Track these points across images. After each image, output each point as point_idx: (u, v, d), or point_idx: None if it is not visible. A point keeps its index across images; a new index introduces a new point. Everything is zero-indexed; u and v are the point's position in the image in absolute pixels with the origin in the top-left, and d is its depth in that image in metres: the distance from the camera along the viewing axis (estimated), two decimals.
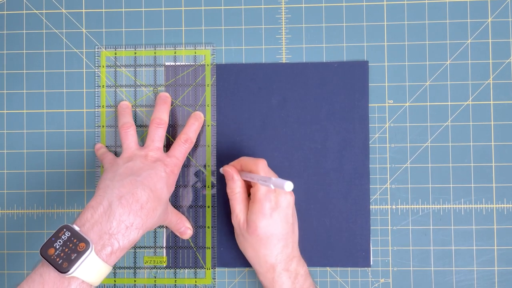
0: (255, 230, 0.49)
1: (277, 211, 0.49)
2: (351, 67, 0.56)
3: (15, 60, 0.58)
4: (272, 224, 0.49)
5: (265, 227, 0.49)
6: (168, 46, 0.58)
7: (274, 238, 0.50)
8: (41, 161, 0.58)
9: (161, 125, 0.53)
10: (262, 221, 0.49)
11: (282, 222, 0.50)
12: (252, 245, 0.51)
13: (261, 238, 0.50)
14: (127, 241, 0.45)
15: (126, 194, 0.46)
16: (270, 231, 0.49)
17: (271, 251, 0.50)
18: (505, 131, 0.56)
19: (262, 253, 0.50)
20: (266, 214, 0.49)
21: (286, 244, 0.50)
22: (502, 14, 0.56)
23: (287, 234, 0.50)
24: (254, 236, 0.50)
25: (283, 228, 0.50)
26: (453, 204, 0.56)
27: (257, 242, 0.50)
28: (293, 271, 0.50)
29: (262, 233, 0.49)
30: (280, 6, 0.57)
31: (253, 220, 0.49)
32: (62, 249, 0.42)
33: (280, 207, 0.50)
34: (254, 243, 0.50)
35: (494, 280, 0.55)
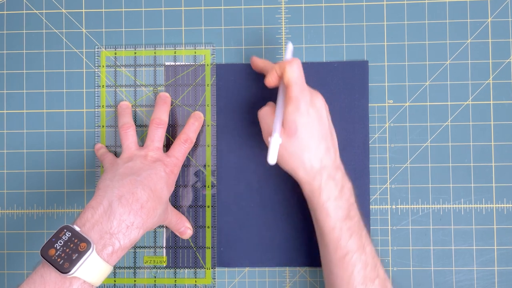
0: (295, 130, 0.48)
1: (312, 109, 0.48)
2: (351, 67, 0.56)
3: (15, 60, 0.59)
4: (310, 123, 0.48)
5: (304, 125, 0.48)
6: (168, 46, 0.58)
7: (315, 138, 0.48)
8: (41, 161, 0.58)
9: (160, 125, 0.53)
10: (300, 118, 0.48)
11: (320, 121, 0.49)
12: (294, 150, 0.48)
13: (302, 139, 0.48)
14: (128, 241, 0.45)
15: (126, 194, 0.46)
16: (309, 130, 0.48)
17: (314, 153, 0.48)
18: (505, 131, 0.56)
19: (306, 157, 0.48)
20: (303, 111, 0.48)
21: (327, 147, 0.49)
22: (502, 14, 0.56)
23: (326, 136, 0.49)
24: (294, 138, 0.48)
25: (322, 129, 0.49)
26: (453, 204, 0.56)
27: (299, 144, 0.48)
28: (339, 181, 0.49)
29: (303, 133, 0.48)
30: (280, 6, 0.57)
31: (291, 120, 0.48)
32: (63, 249, 0.42)
33: (315, 105, 0.49)
34: (296, 147, 0.48)
35: (494, 280, 0.55)
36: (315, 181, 0.49)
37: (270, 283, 0.57)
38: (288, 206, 0.56)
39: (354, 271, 0.47)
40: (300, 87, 0.48)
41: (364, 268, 0.47)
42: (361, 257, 0.47)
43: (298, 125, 0.48)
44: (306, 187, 0.50)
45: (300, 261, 0.56)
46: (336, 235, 0.48)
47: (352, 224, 0.48)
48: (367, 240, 0.49)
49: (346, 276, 0.47)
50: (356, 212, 0.49)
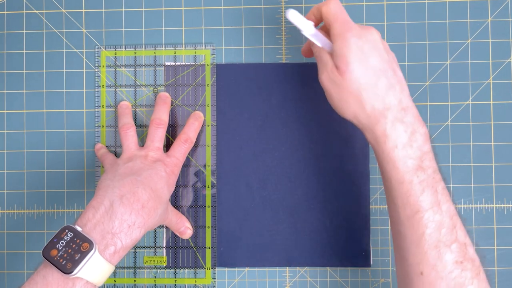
0: (346, 66, 0.42)
1: (364, 42, 0.43)
2: None
3: (15, 60, 0.58)
4: (363, 56, 0.42)
5: (356, 59, 0.42)
6: (168, 46, 0.58)
7: (372, 73, 0.42)
8: (41, 161, 0.58)
9: (160, 125, 0.53)
10: (350, 52, 0.42)
11: (375, 54, 0.43)
12: (351, 91, 0.43)
13: (356, 75, 0.42)
14: (130, 240, 0.45)
15: (127, 194, 0.46)
16: (364, 64, 0.42)
17: (374, 91, 0.42)
18: (505, 131, 0.56)
19: (364, 97, 0.42)
20: (352, 44, 0.42)
21: (390, 84, 0.43)
22: (502, 14, 0.56)
23: (386, 71, 0.43)
24: (348, 75, 0.42)
25: (379, 62, 0.43)
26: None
27: (354, 82, 0.42)
28: (410, 125, 0.42)
29: (356, 68, 0.42)
30: (280, 6, 0.57)
31: (340, 55, 0.42)
32: (65, 250, 0.42)
33: (366, 38, 0.43)
34: (352, 87, 0.42)
35: (494, 280, 0.55)
36: (378, 126, 0.42)
37: (270, 283, 0.57)
38: (288, 206, 0.56)
39: (425, 233, 0.40)
40: (343, 20, 0.43)
41: (438, 229, 0.40)
42: (435, 217, 0.41)
43: (349, 60, 0.42)
44: (368, 135, 0.44)
45: (300, 261, 0.56)
46: (404, 190, 0.42)
47: (425, 177, 0.41)
48: (445, 196, 0.42)
49: (416, 237, 0.41)
50: (431, 163, 0.42)
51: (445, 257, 0.40)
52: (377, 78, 0.43)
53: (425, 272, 0.40)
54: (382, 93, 0.43)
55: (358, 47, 0.43)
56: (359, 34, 0.43)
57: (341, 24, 0.43)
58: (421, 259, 0.40)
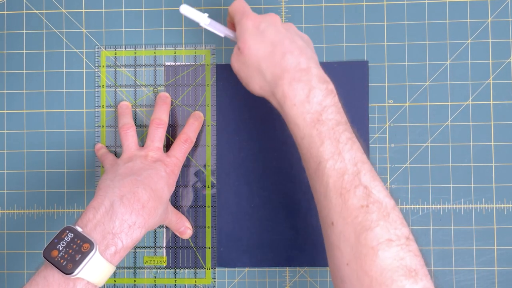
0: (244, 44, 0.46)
1: (261, 22, 0.47)
2: (351, 67, 0.56)
3: (15, 60, 0.58)
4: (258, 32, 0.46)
5: (253, 36, 0.46)
6: (168, 46, 0.58)
7: (268, 45, 0.45)
8: (41, 161, 0.58)
9: (160, 125, 0.53)
10: (247, 32, 0.46)
11: (271, 29, 0.46)
12: (252, 65, 0.46)
13: (255, 50, 0.46)
14: (130, 240, 0.45)
15: (128, 194, 0.46)
16: (259, 39, 0.46)
17: (270, 60, 0.45)
18: (505, 131, 0.56)
19: (264, 67, 0.45)
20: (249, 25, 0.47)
21: (288, 50, 0.45)
22: (502, 14, 0.56)
23: (283, 40, 0.46)
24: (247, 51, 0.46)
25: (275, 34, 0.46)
26: (453, 204, 0.56)
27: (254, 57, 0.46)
28: (308, 83, 0.44)
29: (253, 44, 0.46)
30: (280, 6, 0.57)
31: (241, 38, 0.47)
32: (66, 250, 0.42)
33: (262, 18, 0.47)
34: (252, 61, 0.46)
35: (494, 280, 0.55)
36: (277, 88, 0.45)
37: (270, 283, 0.57)
38: (288, 206, 0.56)
39: (329, 182, 0.41)
40: (243, 11, 0.48)
41: (341, 177, 0.41)
42: (337, 164, 0.41)
43: (246, 38, 0.46)
44: (273, 101, 0.46)
45: (300, 261, 0.56)
46: (306, 144, 0.43)
47: (324, 129, 0.42)
48: (349, 145, 0.42)
49: (323, 188, 0.41)
50: (334, 115, 0.43)
51: (349, 202, 0.40)
52: (273, 47, 0.46)
53: (334, 221, 0.40)
54: (279, 58, 0.45)
55: (254, 26, 0.47)
56: (255, 18, 0.47)
57: (240, 14, 0.48)
58: (330, 209, 0.41)
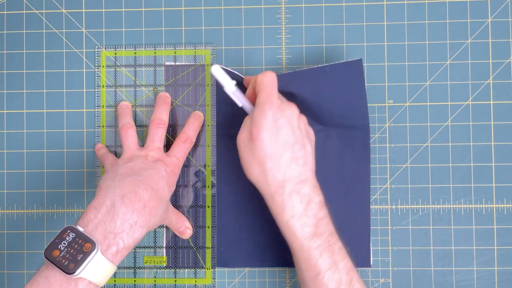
0: (258, 133, 0.46)
1: (281, 116, 0.47)
2: (345, 68, 0.54)
3: (15, 60, 0.58)
4: (275, 129, 0.46)
5: (269, 130, 0.46)
6: (168, 46, 0.58)
7: (279, 146, 0.46)
8: (41, 161, 0.58)
9: (161, 125, 0.53)
10: (265, 123, 0.46)
11: (287, 129, 0.47)
12: (258, 158, 0.47)
13: (265, 145, 0.46)
14: (132, 240, 0.45)
15: (128, 193, 0.46)
16: (274, 136, 0.46)
17: (277, 162, 0.46)
18: (505, 131, 0.56)
19: (268, 166, 0.46)
20: (268, 116, 0.46)
21: (294, 158, 0.47)
22: (502, 14, 0.56)
23: (294, 146, 0.47)
24: (258, 143, 0.46)
25: (289, 136, 0.47)
26: (453, 204, 0.56)
27: (262, 151, 0.46)
28: (306, 196, 0.46)
29: (266, 138, 0.46)
30: (280, 6, 0.57)
31: (255, 123, 0.47)
32: (67, 250, 0.42)
33: (284, 112, 0.47)
34: (260, 154, 0.46)
35: (494, 280, 0.55)
36: (277, 195, 0.47)
37: (270, 283, 0.57)
38: None
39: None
40: (269, 93, 0.47)
41: (337, 286, 0.45)
42: (334, 276, 0.46)
43: (261, 129, 0.46)
44: (269, 202, 0.48)
45: None
46: (305, 255, 0.46)
47: (321, 242, 0.46)
48: (340, 255, 0.47)
49: None
50: (326, 227, 0.47)
51: None
52: (284, 150, 0.47)
53: None
54: (285, 165, 0.47)
55: (273, 119, 0.47)
56: (277, 108, 0.47)
57: (266, 95, 0.48)
58: None
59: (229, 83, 0.47)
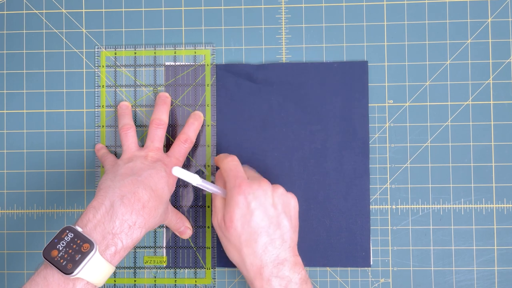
0: (230, 222, 0.46)
1: (252, 199, 0.46)
2: (351, 67, 0.56)
3: (15, 60, 0.58)
4: (248, 215, 0.46)
5: (241, 217, 0.46)
6: (168, 46, 0.58)
7: (253, 232, 0.46)
8: (41, 161, 0.58)
9: (160, 125, 0.53)
10: (237, 211, 0.46)
11: (260, 212, 0.46)
12: (234, 245, 0.47)
13: (239, 233, 0.46)
14: (131, 240, 0.45)
15: (128, 194, 0.46)
16: (246, 222, 0.46)
17: (253, 249, 0.46)
18: (505, 131, 0.56)
19: (245, 253, 0.46)
20: (239, 203, 0.46)
21: (270, 241, 0.46)
22: (502, 14, 0.56)
23: (269, 228, 0.46)
24: (232, 231, 0.46)
25: (262, 219, 0.46)
26: (453, 204, 0.56)
27: (237, 239, 0.46)
28: (285, 278, 0.46)
29: (239, 226, 0.46)
30: (280, 6, 0.57)
31: (228, 211, 0.47)
32: (65, 250, 0.42)
33: (253, 194, 0.47)
34: (235, 242, 0.47)
35: (494, 280, 0.55)
36: (256, 281, 0.46)
37: None
38: None
39: None
40: (235, 177, 0.48)
41: None
42: None
43: (233, 217, 0.46)
44: (249, 284, 0.48)
45: None
46: None
47: None
48: None
49: None
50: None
51: None
52: (258, 236, 0.46)
53: None
54: (260, 251, 0.46)
55: (245, 205, 0.46)
56: (248, 191, 0.47)
57: (233, 181, 0.48)
58: None
59: (193, 177, 0.47)
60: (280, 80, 0.56)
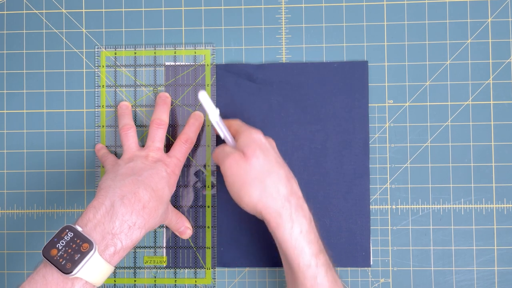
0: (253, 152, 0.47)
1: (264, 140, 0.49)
2: (351, 67, 0.56)
3: (15, 60, 0.58)
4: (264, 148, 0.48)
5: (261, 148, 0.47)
6: (168, 46, 0.58)
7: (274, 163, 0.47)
8: (41, 161, 0.58)
9: (161, 125, 0.53)
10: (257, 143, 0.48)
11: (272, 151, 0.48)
12: (255, 176, 0.46)
13: (262, 163, 0.46)
14: (130, 241, 0.45)
15: (128, 194, 0.46)
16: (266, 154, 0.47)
17: (278, 177, 0.46)
18: (505, 131, 0.56)
19: (269, 182, 0.46)
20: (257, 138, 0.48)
21: (287, 176, 0.47)
22: (502, 14, 0.56)
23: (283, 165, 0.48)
24: (254, 161, 0.46)
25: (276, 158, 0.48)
26: (453, 204, 0.56)
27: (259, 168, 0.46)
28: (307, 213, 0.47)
29: (261, 156, 0.47)
30: (280, 6, 0.57)
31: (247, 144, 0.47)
32: (65, 249, 0.42)
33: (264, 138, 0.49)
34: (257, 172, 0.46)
35: (494, 280, 0.55)
36: (284, 210, 0.46)
37: (270, 283, 0.57)
38: None
39: None
40: (248, 127, 0.50)
41: None
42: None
43: (255, 148, 0.47)
44: (272, 219, 0.46)
45: None
46: (312, 273, 0.45)
47: (325, 259, 0.46)
48: (334, 271, 0.47)
49: None
50: (322, 244, 0.48)
51: None
52: (279, 168, 0.47)
53: None
54: (284, 180, 0.47)
55: (262, 142, 0.48)
56: (261, 134, 0.49)
57: (246, 128, 0.50)
58: None
59: (214, 111, 0.47)
60: (280, 80, 0.56)
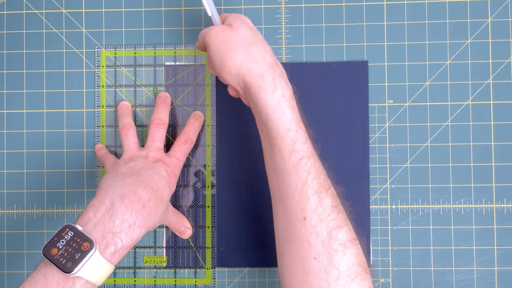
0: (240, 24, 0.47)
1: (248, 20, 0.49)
2: (351, 67, 0.56)
3: (15, 60, 0.58)
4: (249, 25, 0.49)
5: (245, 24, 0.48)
6: (168, 46, 0.58)
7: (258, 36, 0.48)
8: (41, 161, 0.58)
9: (161, 125, 0.53)
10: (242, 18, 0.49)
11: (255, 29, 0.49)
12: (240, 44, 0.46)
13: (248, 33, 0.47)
14: (130, 240, 0.45)
15: (128, 193, 0.46)
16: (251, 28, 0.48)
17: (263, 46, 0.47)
18: (505, 131, 0.56)
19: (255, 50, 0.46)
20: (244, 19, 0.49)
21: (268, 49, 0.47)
22: (502, 14, 0.56)
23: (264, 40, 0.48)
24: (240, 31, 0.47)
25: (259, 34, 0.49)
26: (453, 204, 0.56)
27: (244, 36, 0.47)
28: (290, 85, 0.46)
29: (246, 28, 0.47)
30: (280, 6, 0.57)
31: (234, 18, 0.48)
32: (65, 249, 0.42)
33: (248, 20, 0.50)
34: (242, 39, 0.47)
35: (494, 280, 0.55)
36: (267, 74, 0.45)
37: (270, 283, 0.57)
38: None
39: (308, 178, 0.43)
40: None
41: (318, 175, 0.44)
42: (316, 164, 0.44)
43: (241, 21, 0.48)
44: (255, 82, 0.45)
45: None
46: (292, 137, 0.44)
47: (304, 128, 0.45)
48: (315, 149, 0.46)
49: (300, 183, 0.43)
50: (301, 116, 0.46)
51: (325, 201, 0.43)
52: (261, 40, 0.48)
53: (307, 217, 0.43)
54: (270, 52, 0.47)
55: (249, 22, 0.49)
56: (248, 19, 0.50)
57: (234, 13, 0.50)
58: (304, 204, 0.43)
59: None
60: None
